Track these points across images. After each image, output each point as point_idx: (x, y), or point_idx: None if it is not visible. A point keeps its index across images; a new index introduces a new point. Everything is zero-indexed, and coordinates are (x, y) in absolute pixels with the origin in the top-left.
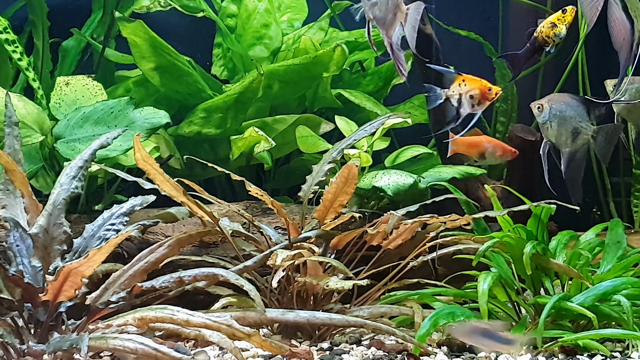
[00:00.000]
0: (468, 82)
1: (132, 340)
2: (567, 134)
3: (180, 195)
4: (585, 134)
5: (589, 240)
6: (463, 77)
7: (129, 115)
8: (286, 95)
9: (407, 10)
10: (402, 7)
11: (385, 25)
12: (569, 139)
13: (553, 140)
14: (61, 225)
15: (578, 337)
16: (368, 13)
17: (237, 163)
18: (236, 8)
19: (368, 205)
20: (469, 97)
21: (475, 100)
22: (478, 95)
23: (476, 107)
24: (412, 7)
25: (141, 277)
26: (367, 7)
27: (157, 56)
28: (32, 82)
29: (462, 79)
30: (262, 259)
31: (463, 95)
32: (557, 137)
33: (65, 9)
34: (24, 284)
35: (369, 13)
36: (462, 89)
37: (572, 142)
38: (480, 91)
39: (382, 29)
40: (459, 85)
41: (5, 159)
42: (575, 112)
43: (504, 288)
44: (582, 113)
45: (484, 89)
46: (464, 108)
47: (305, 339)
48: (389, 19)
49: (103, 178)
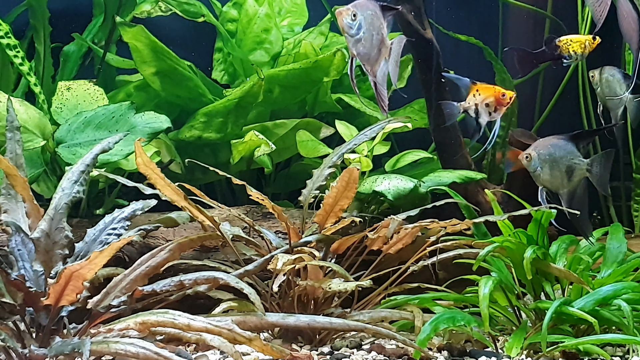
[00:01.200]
0: (482, 90)
1: (134, 344)
2: (561, 175)
3: (181, 199)
4: (580, 169)
5: (589, 245)
6: (477, 86)
7: (130, 119)
8: (286, 100)
9: (390, 45)
10: (387, 42)
11: (370, 62)
12: (564, 180)
13: (549, 186)
14: (63, 229)
15: (579, 342)
16: (352, 49)
17: (238, 167)
18: (237, 13)
19: (368, 209)
20: (485, 105)
21: (492, 108)
22: (493, 103)
23: (494, 115)
24: (395, 42)
25: (142, 281)
26: (351, 43)
27: (158, 61)
28: (34, 86)
29: (475, 88)
30: (262, 263)
31: (479, 105)
32: (552, 181)
33: (66, 14)
34: (26, 288)
35: (353, 49)
36: (477, 98)
37: (568, 181)
38: (494, 98)
39: (366, 66)
40: (473, 95)
41: (6, 164)
42: (564, 151)
43: (505, 292)
44: (572, 150)
45: (497, 95)
46: (483, 117)
47: (305, 343)
48: (373, 55)
49: (104, 182)
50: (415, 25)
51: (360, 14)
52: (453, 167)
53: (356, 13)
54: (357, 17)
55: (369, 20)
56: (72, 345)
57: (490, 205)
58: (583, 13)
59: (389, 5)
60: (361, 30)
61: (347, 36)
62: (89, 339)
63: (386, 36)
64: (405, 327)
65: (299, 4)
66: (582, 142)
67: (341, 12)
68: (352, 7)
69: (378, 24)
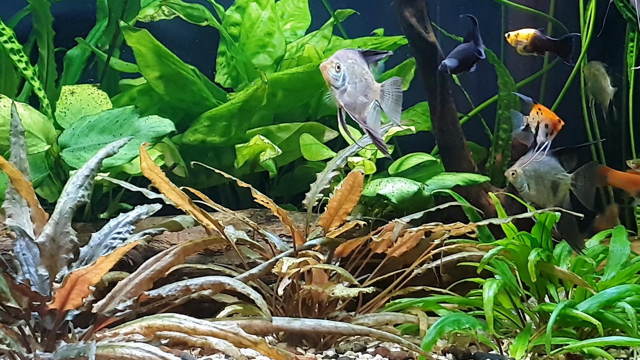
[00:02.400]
0: (543, 111)
1: (140, 348)
2: (547, 190)
3: (185, 203)
4: (565, 184)
5: (593, 248)
6: (538, 106)
7: (134, 124)
8: (290, 104)
9: (382, 87)
10: (374, 86)
11: (357, 110)
12: (550, 195)
13: (536, 202)
14: (68, 234)
15: (583, 345)
16: (339, 101)
17: (242, 171)
18: (240, 17)
19: (372, 212)
20: (545, 125)
21: (549, 130)
22: (551, 126)
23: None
24: (387, 83)
25: (147, 285)
26: (337, 95)
27: (161, 65)
28: (38, 91)
29: (537, 107)
30: (267, 266)
31: (540, 123)
32: (539, 197)
33: (70, 18)
34: (31, 293)
35: (340, 101)
36: (539, 117)
37: (554, 196)
38: (552, 122)
39: (353, 114)
40: (536, 113)
41: (10, 168)
42: (548, 167)
43: (509, 295)
44: (556, 165)
45: (555, 120)
46: (540, 136)
47: (310, 346)
48: (359, 103)
49: (108, 186)
50: (418, 29)
51: (343, 64)
52: (456, 170)
53: (340, 65)
54: (341, 69)
55: (351, 69)
56: (78, 350)
57: (494, 208)
58: (585, 16)
59: (370, 51)
60: (345, 81)
61: (333, 88)
62: (95, 343)
63: (372, 80)
64: (410, 330)
65: (302, 8)
66: (565, 157)
67: (325, 66)
68: (334, 59)
69: (360, 70)
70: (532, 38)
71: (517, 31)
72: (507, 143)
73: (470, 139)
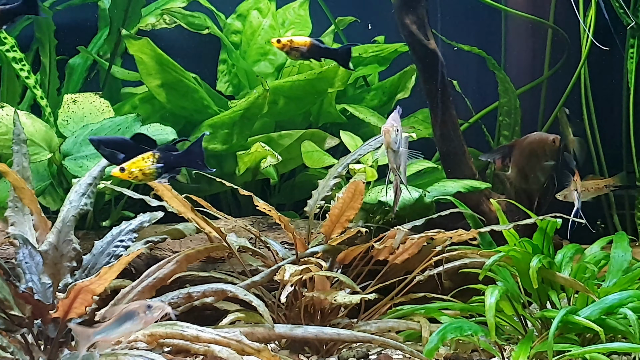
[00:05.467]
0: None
1: (143, 356)
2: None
3: (188, 211)
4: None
5: (594, 254)
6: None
7: (136, 132)
8: (291, 111)
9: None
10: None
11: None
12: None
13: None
14: (71, 242)
15: (586, 351)
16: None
17: (243, 178)
18: (241, 25)
19: (373, 219)
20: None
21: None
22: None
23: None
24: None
25: (150, 293)
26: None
27: (163, 73)
28: (40, 99)
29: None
30: (269, 274)
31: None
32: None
33: (71, 27)
34: (34, 301)
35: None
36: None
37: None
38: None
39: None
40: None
41: (14, 177)
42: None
43: (511, 302)
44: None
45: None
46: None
47: (312, 353)
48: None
49: (110, 194)
50: (418, 36)
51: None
52: (457, 177)
53: (398, 128)
54: (398, 132)
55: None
56: (81, 358)
57: (495, 215)
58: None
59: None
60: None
61: (390, 151)
62: (98, 352)
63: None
64: (412, 337)
65: (303, 16)
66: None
67: (388, 130)
68: (394, 122)
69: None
70: (310, 45)
71: (290, 37)
72: None
73: (471, 146)
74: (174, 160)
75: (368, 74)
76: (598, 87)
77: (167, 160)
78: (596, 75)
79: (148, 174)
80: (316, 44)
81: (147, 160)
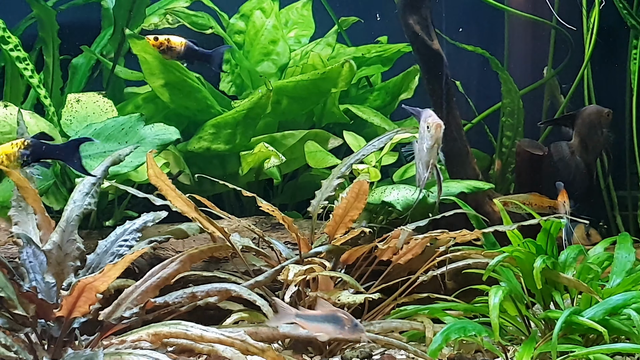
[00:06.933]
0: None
1: (147, 356)
2: None
3: (192, 211)
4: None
5: (598, 255)
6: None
7: (140, 131)
8: (295, 111)
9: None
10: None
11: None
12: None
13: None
14: (74, 241)
15: (589, 352)
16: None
17: (246, 178)
18: (244, 25)
19: (377, 219)
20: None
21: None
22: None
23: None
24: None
25: (154, 292)
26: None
27: (166, 73)
28: (44, 99)
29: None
30: (273, 274)
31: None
32: None
33: (75, 26)
34: (38, 300)
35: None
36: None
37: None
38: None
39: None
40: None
41: (17, 176)
42: None
43: (514, 302)
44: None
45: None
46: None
47: (316, 353)
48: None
49: (113, 194)
50: (422, 37)
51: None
52: (461, 177)
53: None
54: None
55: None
56: (85, 357)
57: (499, 215)
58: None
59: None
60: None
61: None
62: (102, 351)
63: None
64: (416, 337)
65: (306, 16)
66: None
67: (440, 125)
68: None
69: None
70: (185, 46)
71: (166, 36)
72: (511, 150)
73: (474, 146)
74: (44, 151)
75: (371, 74)
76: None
77: (37, 149)
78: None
79: (13, 159)
80: (191, 46)
81: (14, 147)
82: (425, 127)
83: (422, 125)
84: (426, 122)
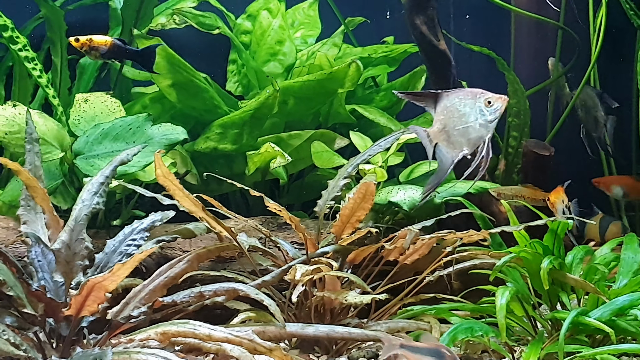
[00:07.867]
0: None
1: (156, 354)
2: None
3: (199, 210)
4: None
5: (605, 255)
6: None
7: (147, 131)
8: (301, 111)
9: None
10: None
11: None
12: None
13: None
14: (83, 240)
15: (597, 352)
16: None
17: (253, 178)
18: (251, 25)
19: (383, 219)
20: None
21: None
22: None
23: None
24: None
25: (161, 291)
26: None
27: (174, 73)
28: (52, 99)
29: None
30: (280, 273)
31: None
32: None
33: (83, 26)
34: (47, 299)
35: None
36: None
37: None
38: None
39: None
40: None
41: (26, 175)
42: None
43: (521, 303)
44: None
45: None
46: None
47: (322, 353)
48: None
49: (121, 194)
50: (429, 37)
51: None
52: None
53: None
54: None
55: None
56: (94, 356)
57: (505, 216)
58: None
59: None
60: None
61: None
62: (110, 349)
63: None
64: None
65: (312, 16)
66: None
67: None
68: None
69: None
70: (111, 45)
71: (89, 36)
72: (517, 150)
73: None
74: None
75: (377, 74)
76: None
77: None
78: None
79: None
80: (118, 44)
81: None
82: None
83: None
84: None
